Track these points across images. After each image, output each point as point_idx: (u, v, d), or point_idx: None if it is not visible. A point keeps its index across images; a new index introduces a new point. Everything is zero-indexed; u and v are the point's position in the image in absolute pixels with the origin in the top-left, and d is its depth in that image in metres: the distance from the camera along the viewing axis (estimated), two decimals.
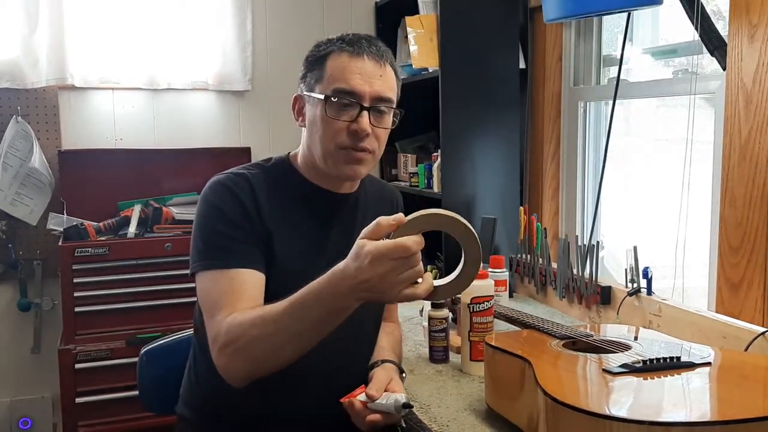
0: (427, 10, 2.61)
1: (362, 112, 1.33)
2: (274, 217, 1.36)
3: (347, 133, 1.33)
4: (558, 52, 2.50)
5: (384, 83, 1.36)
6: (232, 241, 1.32)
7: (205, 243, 1.33)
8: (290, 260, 1.36)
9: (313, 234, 1.41)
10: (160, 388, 1.62)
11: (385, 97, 1.36)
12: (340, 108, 1.33)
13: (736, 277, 1.68)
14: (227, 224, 1.33)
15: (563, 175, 2.52)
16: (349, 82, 1.32)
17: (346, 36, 1.38)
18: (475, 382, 1.50)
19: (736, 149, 1.68)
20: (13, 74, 2.66)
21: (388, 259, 1.08)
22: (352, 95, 1.32)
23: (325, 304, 1.15)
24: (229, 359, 1.23)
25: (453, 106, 2.42)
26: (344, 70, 1.33)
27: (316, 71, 1.37)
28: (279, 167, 1.44)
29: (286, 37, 3.07)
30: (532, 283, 2.22)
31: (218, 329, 1.24)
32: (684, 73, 2.09)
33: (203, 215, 1.36)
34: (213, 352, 1.26)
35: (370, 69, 1.34)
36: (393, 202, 1.60)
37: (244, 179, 1.37)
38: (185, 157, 2.91)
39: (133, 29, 2.79)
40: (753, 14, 1.63)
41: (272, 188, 1.39)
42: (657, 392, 1.06)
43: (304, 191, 1.43)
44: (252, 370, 1.23)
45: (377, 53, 1.36)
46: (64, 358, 2.46)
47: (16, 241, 2.76)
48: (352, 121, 1.33)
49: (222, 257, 1.30)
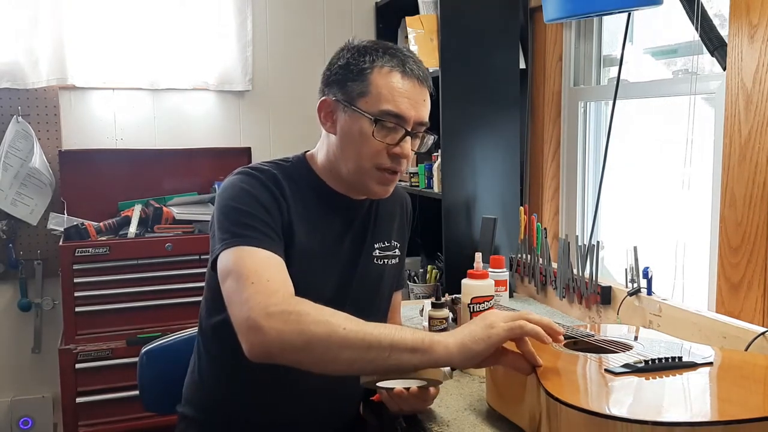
0: (428, 10, 2.61)
1: (406, 137, 1.33)
2: (296, 211, 1.36)
3: (388, 155, 1.34)
4: (558, 52, 2.50)
5: (425, 108, 1.37)
6: (265, 225, 1.29)
7: (236, 224, 1.28)
8: (306, 256, 1.35)
9: (330, 236, 1.41)
10: (160, 388, 1.62)
11: (425, 122, 1.37)
12: (385, 130, 1.32)
13: (736, 277, 1.68)
14: (260, 208, 1.30)
15: (563, 175, 2.52)
16: (399, 106, 1.32)
17: (388, 48, 1.36)
18: (475, 381, 1.50)
19: (736, 149, 1.68)
20: (14, 74, 2.66)
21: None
22: (398, 118, 1.32)
23: (422, 345, 1.11)
24: (286, 325, 1.12)
25: (453, 106, 2.42)
26: (394, 91, 1.32)
27: (359, 83, 1.33)
28: (298, 167, 1.43)
29: (287, 37, 3.07)
30: (532, 283, 2.22)
31: (273, 292, 1.16)
32: (684, 74, 2.09)
33: (233, 198, 1.31)
34: (255, 312, 1.14)
35: (416, 93, 1.34)
36: (403, 205, 1.60)
37: (269, 172, 1.37)
38: (185, 157, 2.91)
39: (133, 29, 2.79)
40: (753, 14, 1.63)
41: (292, 186, 1.38)
42: (659, 392, 1.06)
43: (322, 193, 1.42)
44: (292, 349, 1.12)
45: (423, 76, 1.36)
46: (65, 358, 2.46)
47: (16, 241, 2.76)
48: (393, 144, 1.33)
49: (256, 237, 1.26)
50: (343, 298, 1.42)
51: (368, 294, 1.48)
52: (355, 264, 1.45)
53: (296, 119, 3.02)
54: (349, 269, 1.44)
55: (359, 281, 1.45)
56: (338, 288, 1.42)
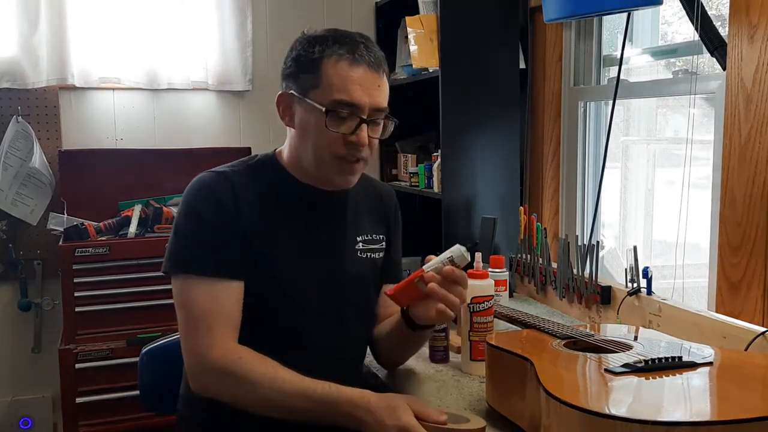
0: (427, 10, 2.61)
1: (361, 124, 1.32)
2: (254, 216, 1.35)
3: (344, 143, 1.33)
4: (558, 52, 2.50)
5: (381, 93, 1.35)
6: (211, 247, 1.32)
7: (183, 246, 1.34)
8: (271, 259, 1.36)
9: (298, 232, 1.40)
10: (160, 388, 1.62)
11: (382, 107, 1.36)
12: (338, 119, 1.32)
13: (736, 276, 1.68)
14: (206, 229, 1.32)
15: (563, 174, 2.52)
16: (350, 94, 1.31)
17: (339, 36, 1.35)
18: (475, 381, 1.50)
19: (736, 149, 1.68)
20: (14, 74, 2.65)
21: None
22: (351, 107, 1.31)
23: (329, 416, 1.21)
24: (219, 385, 1.28)
25: (453, 106, 2.42)
26: (345, 80, 1.31)
27: (310, 74, 1.34)
28: (264, 165, 1.44)
29: (286, 37, 3.01)
30: (532, 282, 2.22)
31: (211, 346, 1.28)
32: (684, 73, 2.10)
33: (182, 216, 1.36)
34: (194, 361, 1.30)
35: (369, 79, 1.33)
36: (385, 197, 1.58)
37: (225, 178, 1.36)
38: (185, 157, 2.91)
39: (133, 29, 2.79)
40: (753, 14, 1.63)
41: (255, 186, 1.38)
42: (659, 392, 1.07)
43: (290, 189, 1.42)
44: (224, 401, 1.29)
45: (375, 62, 1.34)
46: (65, 357, 2.46)
47: (16, 241, 2.76)
48: (350, 133, 1.32)
49: (199, 264, 1.31)
50: (333, 293, 1.42)
51: (359, 288, 1.47)
52: (336, 257, 1.43)
53: None
54: (331, 262, 1.42)
55: (346, 275, 1.44)
56: (323, 282, 1.41)
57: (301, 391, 1.23)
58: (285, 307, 1.38)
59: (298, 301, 1.38)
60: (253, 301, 1.34)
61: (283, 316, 1.38)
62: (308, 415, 1.24)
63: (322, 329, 1.41)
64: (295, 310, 1.38)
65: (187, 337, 1.32)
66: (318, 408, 1.22)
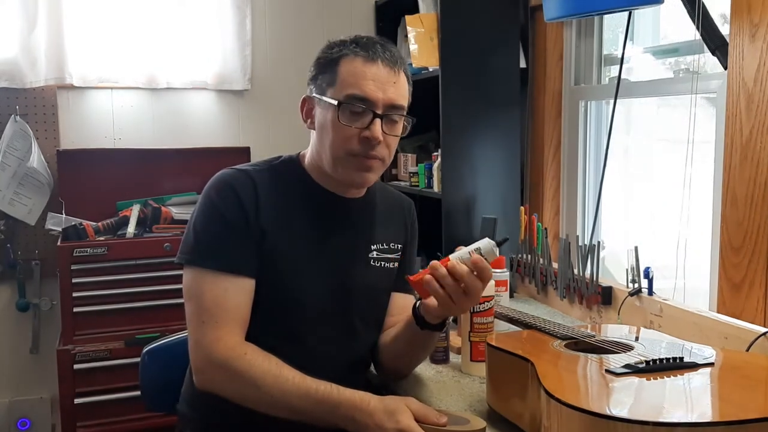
0: (428, 9, 2.60)
1: (375, 119, 1.32)
2: (272, 216, 1.36)
3: (359, 140, 1.33)
4: (559, 51, 2.49)
5: (397, 90, 1.35)
6: (226, 243, 1.32)
7: (199, 239, 1.34)
8: (283, 260, 1.36)
9: (314, 236, 1.40)
10: (161, 388, 1.62)
11: (398, 104, 1.35)
12: (352, 115, 1.32)
13: (738, 277, 1.67)
14: (224, 225, 1.33)
15: (564, 174, 2.52)
16: (362, 89, 1.31)
17: (359, 39, 1.37)
18: (475, 382, 1.50)
19: (738, 149, 1.68)
20: (12, 74, 2.65)
21: None
22: (365, 102, 1.32)
23: (329, 416, 1.22)
24: (223, 379, 1.28)
25: (453, 106, 2.41)
26: (358, 75, 1.32)
27: (327, 74, 1.36)
28: (287, 166, 1.44)
29: (286, 36, 3.06)
30: (532, 283, 2.22)
31: (218, 339, 1.28)
32: (685, 73, 2.09)
33: (202, 211, 1.36)
34: (200, 355, 1.30)
35: (384, 75, 1.33)
36: (404, 207, 1.59)
37: (246, 176, 1.37)
38: (184, 157, 2.90)
39: (132, 28, 2.78)
40: (754, 14, 1.62)
41: (276, 187, 1.39)
42: (660, 393, 1.06)
43: (310, 193, 1.42)
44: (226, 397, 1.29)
45: (391, 59, 1.35)
46: (63, 358, 2.45)
47: (14, 241, 2.75)
48: (364, 129, 1.32)
49: (213, 258, 1.32)
50: (342, 299, 1.42)
51: (368, 297, 1.47)
52: (348, 264, 1.43)
53: (295, 119, 2.92)
54: (342, 269, 1.42)
55: (356, 283, 1.44)
56: (334, 289, 1.41)
57: (303, 390, 1.23)
58: (291, 308, 1.38)
59: (305, 305, 1.38)
60: (261, 299, 1.35)
61: (289, 317, 1.38)
62: (309, 415, 1.23)
63: (328, 335, 1.41)
64: (302, 312, 1.38)
65: (194, 330, 1.32)
66: (318, 408, 1.22)
